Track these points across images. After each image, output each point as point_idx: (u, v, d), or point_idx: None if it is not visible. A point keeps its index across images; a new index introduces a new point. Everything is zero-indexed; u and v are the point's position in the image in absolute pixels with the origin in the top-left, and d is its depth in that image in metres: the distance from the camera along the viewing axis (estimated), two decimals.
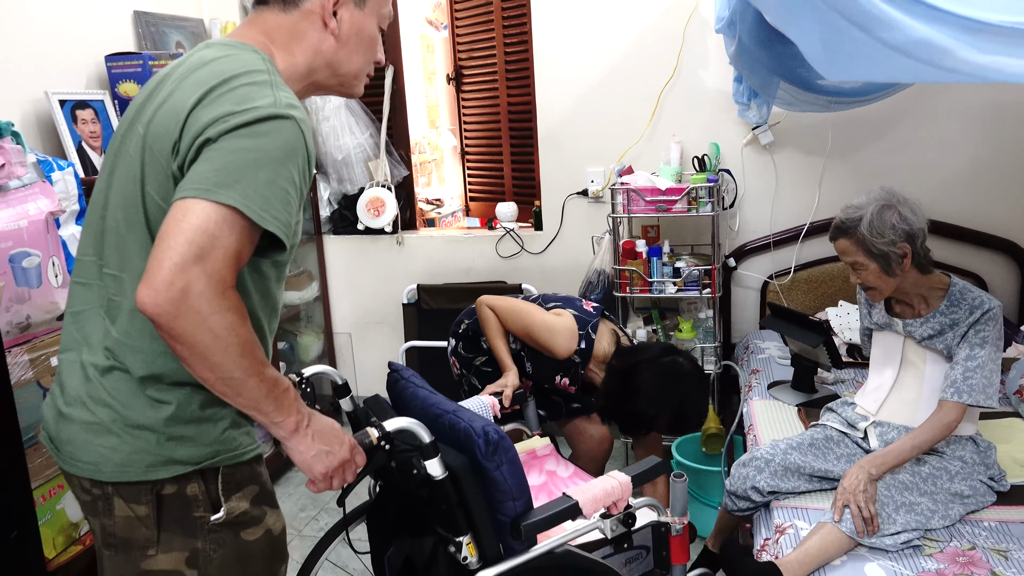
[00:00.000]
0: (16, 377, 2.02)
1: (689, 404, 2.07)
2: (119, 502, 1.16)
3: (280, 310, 1.31)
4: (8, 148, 2.08)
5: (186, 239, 0.98)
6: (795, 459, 1.92)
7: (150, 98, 1.16)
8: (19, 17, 2.45)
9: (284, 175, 1.07)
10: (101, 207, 1.18)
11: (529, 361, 2.22)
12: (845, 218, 1.92)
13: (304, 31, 1.24)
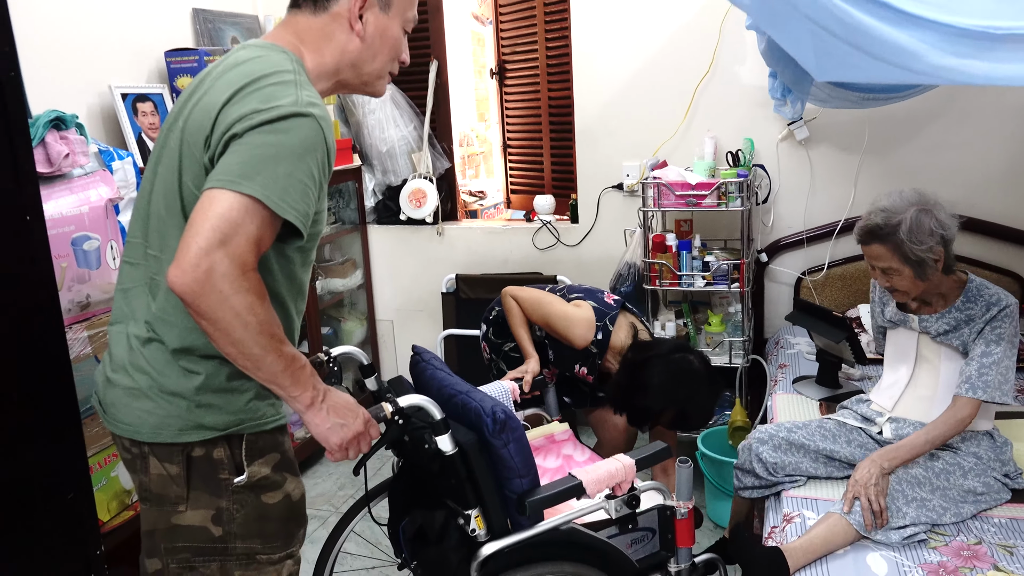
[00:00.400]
0: (76, 352, 2.19)
1: (693, 403, 2.10)
2: (154, 461, 1.29)
3: (306, 292, 1.42)
4: (72, 139, 2.24)
5: (211, 225, 1.09)
6: (799, 437, 1.97)
7: (191, 96, 1.28)
8: (85, 15, 2.62)
9: (303, 168, 1.17)
10: (148, 193, 1.31)
11: (551, 349, 2.29)
12: (882, 223, 1.86)
13: (332, 32, 1.34)
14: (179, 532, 1.31)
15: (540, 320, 2.23)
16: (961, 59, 1.22)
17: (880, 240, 1.87)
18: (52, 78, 2.48)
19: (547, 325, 2.21)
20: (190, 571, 1.32)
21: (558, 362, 2.30)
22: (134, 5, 2.82)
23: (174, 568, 1.32)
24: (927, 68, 1.24)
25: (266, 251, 1.23)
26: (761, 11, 1.59)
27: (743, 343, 2.84)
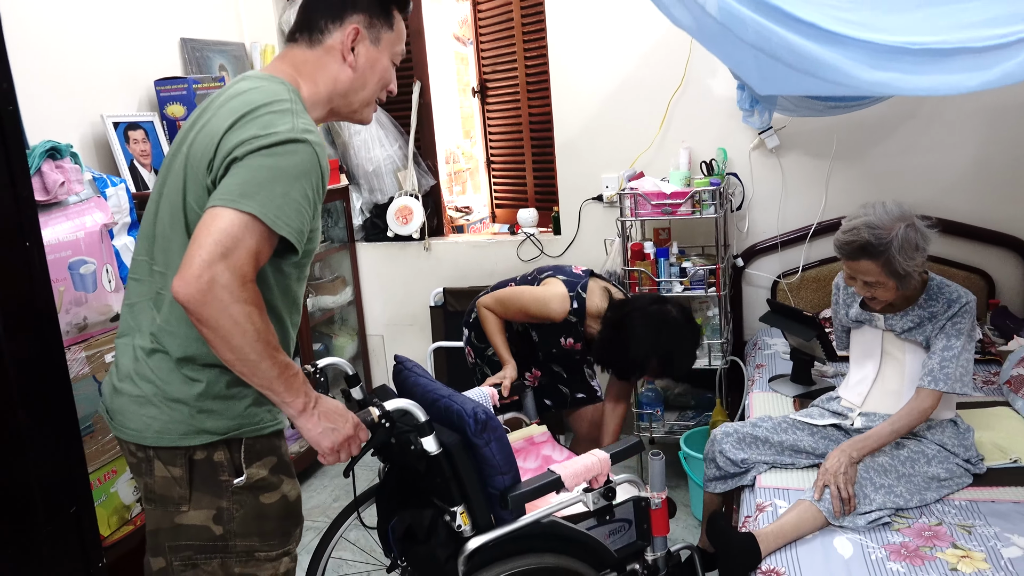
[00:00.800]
0: (75, 372, 2.27)
1: (677, 348, 2.22)
2: (158, 464, 1.38)
3: (301, 305, 1.51)
4: (67, 167, 2.33)
5: (214, 240, 1.18)
6: (762, 431, 2.06)
7: (195, 123, 1.38)
8: (76, 46, 2.72)
9: (298, 189, 1.27)
10: (153, 215, 1.41)
11: (534, 331, 2.38)
12: (874, 241, 1.89)
13: (326, 64, 1.44)
14: (182, 531, 1.39)
15: (518, 314, 2.33)
16: (884, 72, 1.33)
17: (870, 256, 1.91)
18: (46, 108, 2.57)
19: (526, 315, 2.32)
20: (192, 568, 1.40)
21: (542, 342, 2.38)
22: (124, 36, 2.92)
23: (177, 565, 1.40)
24: (853, 82, 1.35)
25: (264, 267, 1.32)
26: (702, 35, 1.70)
27: (721, 345, 2.93)
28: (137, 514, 2.46)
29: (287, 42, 1.48)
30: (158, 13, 3.10)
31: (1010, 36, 1.26)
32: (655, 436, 3.15)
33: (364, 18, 1.44)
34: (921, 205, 2.98)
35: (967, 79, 1.30)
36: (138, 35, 2.99)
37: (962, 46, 1.29)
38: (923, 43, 1.30)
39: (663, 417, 3.10)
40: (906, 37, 1.31)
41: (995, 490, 1.92)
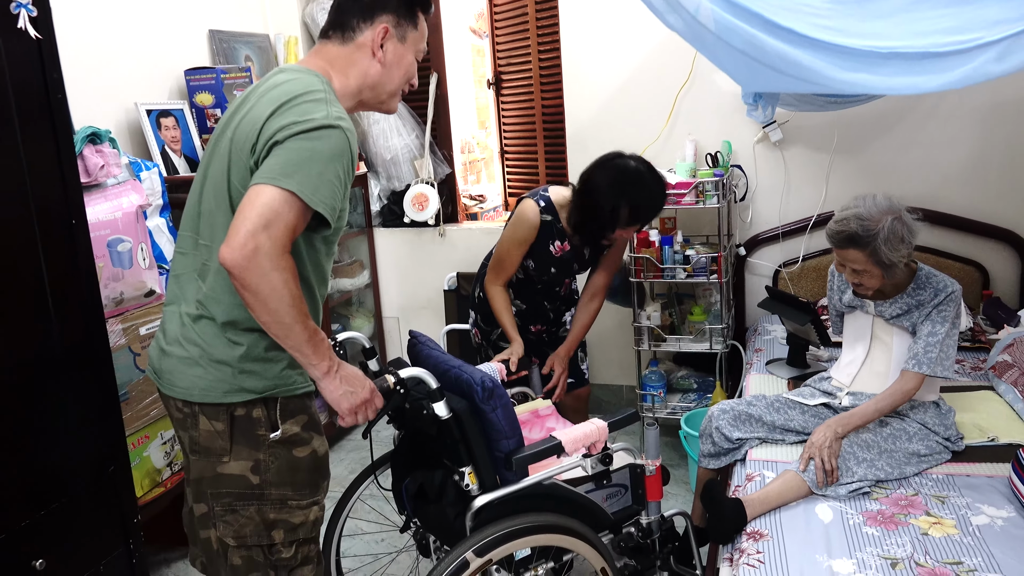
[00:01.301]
0: (112, 343, 2.42)
1: (641, 194, 2.30)
2: (203, 419, 1.53)
3: (329, 279, 1.66)
4: (107, 152, 2.49)
5: (257, 213, 1.33)
6: (756, 410, 2.19)
7: (237, 110, 1.53)
8: (114, 39, 2.87)
9: (331, 170, 1.41)
10: (198, 194, 1.56)
11: (529, 259, 2.49)
12: (860, 232, 1.99)
13: (357, 59, 1.59)
14: (223, 480, 1.54)
15: (507, 259, 2.46)
16: (855, 74, 1.45)
17: (857, 246, 2.02)
18: (86, 96, 2.73)
19: (514, 251, 2.45)
20: (232, 513, 1.55)
21: (538, 265, 2.49)
22: (157, 29, 3.07)
23: (218, 510, 1.56)
24: (828, 82, 1.48)
25: (298, 242, 1.47)
26: (691, 37, 1.82)
27: (722, 330, 3.06)
28: (168, 477, 2.63)
29: (320, 38, 1.62)
30: (188, 7, 3.25)
31: (969, 43, 1.37)
32: (657, 416, 3.28)
33: (392, 18, 1.58)
34: (918, 198, 3.08)
35: (930, 80, 1.42)
36: (169, 28, 3.14)
37: (926, 51, 1.41)
38: (891, 47, 1.42)
39: (665, 399, 3.23)
40: (876, 42, 1.43)
41: (972, 465, 2.04)
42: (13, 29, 1.87)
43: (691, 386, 3.35)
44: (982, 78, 1.42)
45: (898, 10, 1.45)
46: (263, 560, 1.58)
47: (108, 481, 2.17)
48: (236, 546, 1.57)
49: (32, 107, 1.94)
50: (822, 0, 1.50)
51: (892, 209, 2.04)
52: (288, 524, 1.58)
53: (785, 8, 1.48)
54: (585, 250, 2.54)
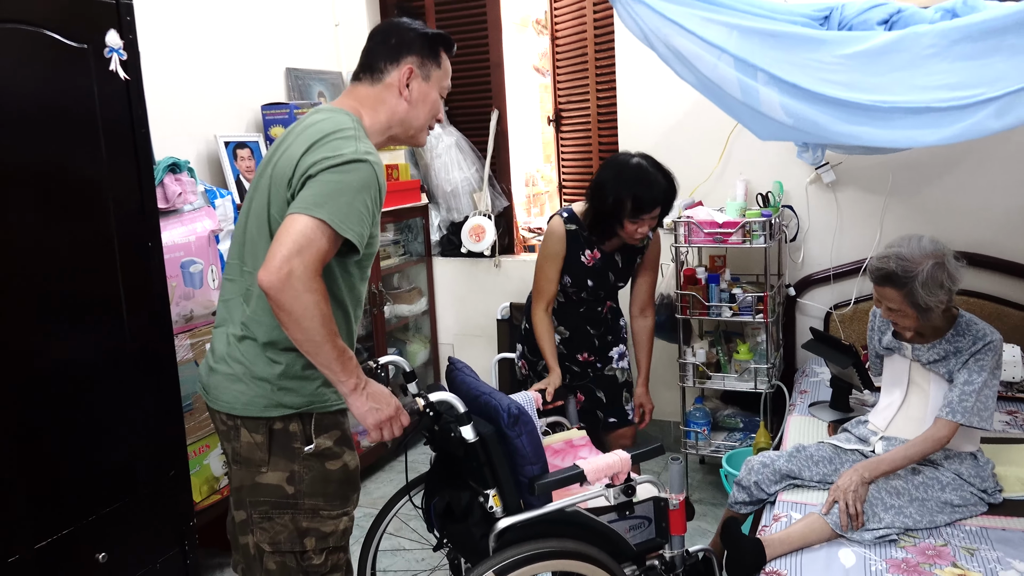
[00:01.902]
0: (180, 357, 2.61)
1: (642, 182, 2.38)
2: (244, 431, 1.66)
3: (363, 301, 1.79)
4: (185, 180, 2.70)
5: (292, 240, 1.46)
6: (795, 466, 2.19)
7: (278, 148, 1.69)
8: (197, 76, 3.12)
9: (360, 200, 1.54)
10: (243, 225, 1.71)
11: (565, 275, 2.57)
12: (899, 272, 2.01)
13: (386, 98, 1.73)
14: (261, 489, 1.67)
15: (544, 274, 2.57)
16: (856, 126, 1.50)
17: (895, 286, 2.03)
18: (170, 128, 2.97)
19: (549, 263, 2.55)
20: (268, 520, 1.68)
21: (574, 278, 2.56)
22: (237, 67, 3.31)
23: (256, 517, 1.69)
24: (829, 134, 1.52)
25: (333, 268, 1.60)
26: (703, 88, 1.89)
27: (767, 370, 3.06)
28: (224, 485, 2.79)
29: (352, 80, 1.77)
30: (268, 45, 3.49)
31: (970, 98, 1.40)
32: (701, 454, 3.29)
33: (417, 59, 1.71)
34: (975, 243, 3.04)
35: (929, 134, 1.46)
36: (249, 65, 3.39)
37: (928, 105, 1.44)
38: (894, 102, 1.46)
39: (709, 437, 3.24)
40: (880, 96, 1.47)
41: (1009, 519, 2.00)
42: (105, 71, 2.09)
43: (737, 425, 3.35)
44: (981, 133, 1.44)
45: (906, 65, 1.49)
46: (295, 566, 1.69)
47: (168, 484, 2.34)
48: (271, 551, 1.69)
49: (119, 140, 2.15)
50: (832, 56, 1.55)
51: (936, 253, 2.03)
52: (319, 532, 1.69)
53: (792, 64, 1.54)
54: (617, 256, 2.60)
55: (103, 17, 2.08)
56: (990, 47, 1.40)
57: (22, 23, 1.89)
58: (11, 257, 1.88)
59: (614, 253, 2.58)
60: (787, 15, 1.72)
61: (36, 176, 1.94)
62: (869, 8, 1.68)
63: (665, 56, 1.99)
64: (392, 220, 3.82)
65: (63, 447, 2.02)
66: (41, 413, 1.97)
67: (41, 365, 1.96)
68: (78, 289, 2.05)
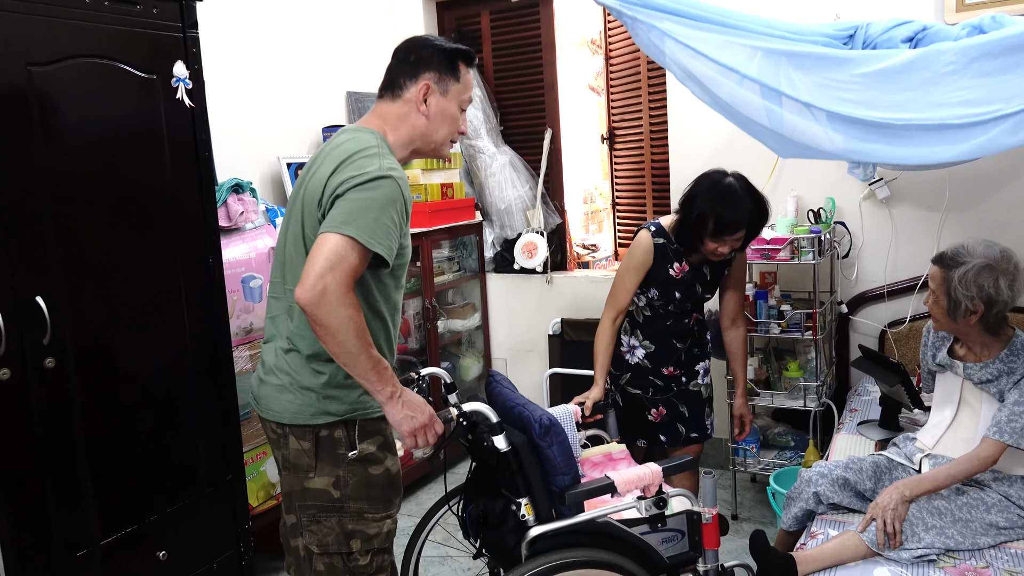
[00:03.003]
0: (240, 367, 2.75)
1: (727, 205, 2.35)
2: (292, 439, 1.76)
3: (400, 309, 1.87)
4: (247, 200, 2.86)
5: (324, 257, 1.55)
6: (852, 475, 2.16)
7: (309, 170, 1.78)
8: (261, 100, 3.29)
9: (386, 215, 1.62)
10: (283, 245, 1.81)
11: (652, 288, 2.56)
12: (953, 253, 2.06)
13: (406, 114, 1.80)
14: (309, 493, 1.76)
15: (622, 284, 2.57)
16: (870, 144, 1.50)
17: (941, 265, 2.08)
18: (235, 151, 3.14)
19: (629, 282, 2.56)
20: (316, 523, 1.77)
21: (661, 291, 2.55)
22: (300, 90, 3.49)
23: (305, 520, 1.78)
24: (834, 149, 1.53)
25: (368, 281, 1.69)
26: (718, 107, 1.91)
27: (817, 388, 3.02)
28: (280, 491, 2.91)
29: (377, 99, 1.85)
30: (329, 70, 3.65)
31: (986, 115, 1.39)
32: (752, 472, 3.26)
33: (434, 75, 1.77)
34: None
35: (943, 151, 1.45)
36: (311, 89, 3.55)
37: (943, 122, 1.43)
38: (907, 119, 1.46)
39: (759, 454, 3.21)
40: (895, 114, 1.47)
41: None
42: (172, 99, 2.25)
43: (788, 443, 3.30)
44: (995, 150, 1.42)
45: (925, 83, 1.48)
46: (342, 567, 1.78)
47: (226, 488, 2.47)
48: (319, 553, 1.78)
49: (184, 163, 2.31)
50: (850, 75, 1.56)
51: (996, 260, 2.01)
52: (364, 535, 1.77)
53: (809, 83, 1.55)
54: (705, 269, 2.58)
55: (171, 49, 2.24)
56: (1010, 64, 1.39)
57: (97, 57, 2.06)
58: (86, 271, 2.04)
59: (702, 265, 2.58)
60: (810, 35, 1.74)
61: (108, 195, 2.10)
62: (894, 26, 1.69)
63: (681, 78, 2.02)
64: (447, 237, 3.92)
65: (130, 450, 2.17)
66: (110, 419, 2.12)
67: (109, 372, 2.11)
68: (146, 301, 2.20)
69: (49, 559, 1.99)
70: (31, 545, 1.95)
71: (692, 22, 1.79)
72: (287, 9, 3.46)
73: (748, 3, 3.30)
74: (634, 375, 2.63)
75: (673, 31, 1.81)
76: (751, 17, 1.88)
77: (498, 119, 4.16)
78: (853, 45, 1.72)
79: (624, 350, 2.64)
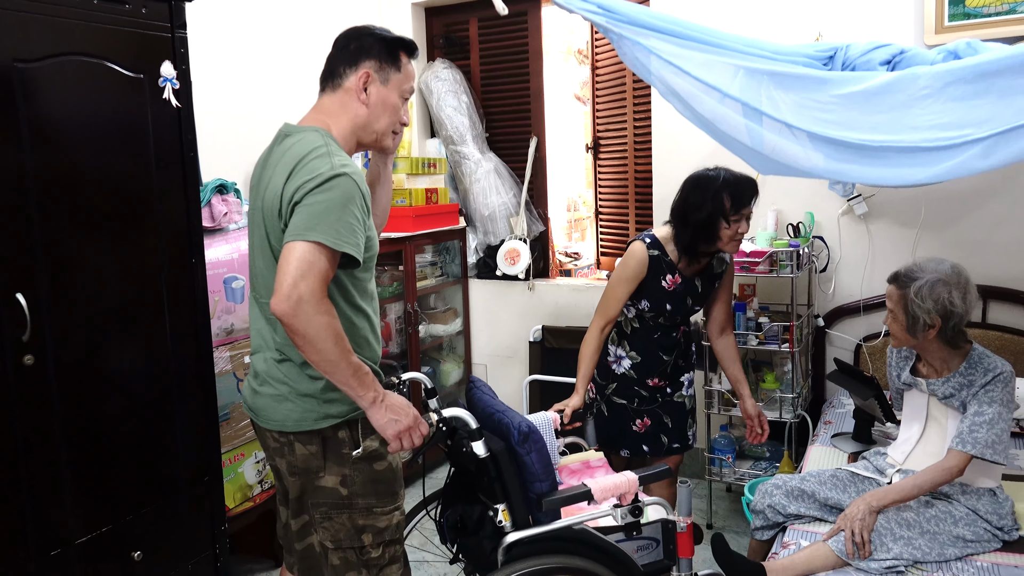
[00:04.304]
0: (220, 368, 2.75)
1: (729, 178, 2.36)
2: (298, 445, 1.77)
3: (377, 298, 1.87)
4: (231, 200, 2.86)
5: (294, 267, 1.56)
6: (809, 485, 2.20)
7: (260, 181, 1.78)
8: (247, 101, 3.29)
9: (348, 213, 1.63)
10: (252, 258, 1.82)
11: (643, 300, 2.56)
12: (906, 272, 2.12)
13: (347, 103, 1.79)
14: (320, 492, 1.78)
15: (614, 294, 2.55)
16: (847, 164, 1.54)
17: (896, 284, 2.14)
18: (220, 152, 3.14)
19: (620, 291, 2.54)
20: (328, 520, 1.79)
21: (653, 303, 2.55)
22: (287, 92, 3.49)
23: (317, 518, 1.80)
24: (812, 168, 1.57)
25: (343, 279, 1.70)
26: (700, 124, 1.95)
27: (793, 400, 3.06)
28: (257, 493, 2.91)
29: (319, 92, 1.84)
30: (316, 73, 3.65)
31: (958, 139, 1.44)
32: (727, 482, 3.30)
33: (375, 63, 1.77)
34: (1009, 278, 3.02)
35: (916, 172, 1.49)
36: (298, 91, 3.55)
37: (917, 145, 1.48)
38: (883, 141, 1.50)
39: (734, 464, 3.25)
40: (871, 135, 1.51)
41: (1023, 557, 1.98)
42: (159, 99, 2.25)
43: (763, 454, 3.34)
44: (966, 173, 1.47)
45: (900, 105, 1.53)
46: (356, 560, 1.81)
47: (203, 489, 2.47)
48: (333, 548, 1.81)
49: (169, 163, 2.30)
50: (829, 95, 1.60)
51: (948, 275, 2.06)
52: (375, 528, 1.80)
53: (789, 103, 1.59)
54: (697, 281, 2.60)
55: (159, 49, 2.24)
56: (981, 89, 1.44)
57: (84, 55, 2.05)
58: (68, 269, 2.03)
59: (694, 278, 2.60)
60: (792, 56, 1.78)
61: (92, 194, 2.09)
62: (872, 49, 1.74)
63: (665, 94, 2.06)
64: (430, 242, 3.94)
65: (107, 450, 2.16)
66: (88, 417, 2.11)
67: (89, 371, 2.10)
68: (127, 301, 2.19)
69: (23, 558, 1.97)
70: (4, 544, 1.93)
71: (677, 40, 1.83)
72: (275, 11, 3.47)
73: (732, 23, 3.37)
74: (620, 385, 2.64)
75: (658, 48, 1.85)
76: (735, 37, 1.93)
77: (484, 126, 4.19)
78: (833, 66, 1.77)
79: (611, 360, 2.66)
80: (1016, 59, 1.42)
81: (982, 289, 3.08)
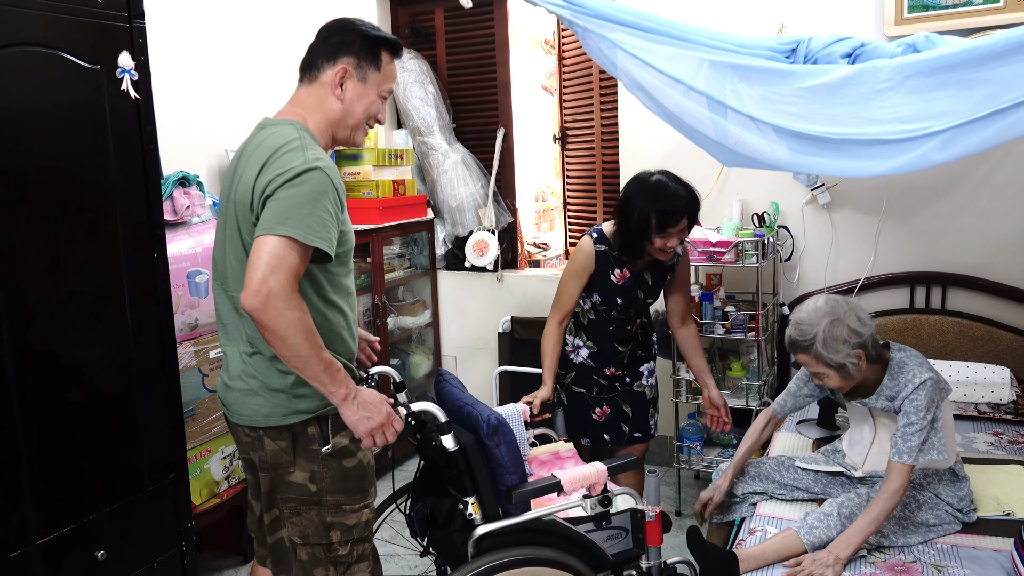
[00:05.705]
0: (184, 363, 2.71)
1: (663, 196, 2.39)
2: (267, 440, 1.75)
3: (354, 292, 1.86)
4: (193, 194, 2.81)
5: (264, 261, 1.54)
6: (764, 469, 2.25)
7: (234, 174, 1.75)
8: (208, 92, 3.23)
9: (320, 207, 1.61)
10: (221, 251, 1.79)
11: (595, 293, 2.60)
12: (799, 337, 2.06)
13: (322, 97, 1.77)
14: (290, 487, 1.76)
15: (566, 288, 2.59)
16: (810, 156, 1.56)
17: (802, 351, 2.08)
18: (181, 144, 3.08)
19: (573, 279, 2.58)
20: (297, 515, 1.77)
21: (603, 295, 2.58)
22: (249, 83, 3.43)
23: (287, 513, 1.79)
24: (776, 162, 1.59)
25: (316, 274, 1.68)
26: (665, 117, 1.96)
27: (759, 387, 3.10)
28: (224, 489, 2.88)
29: (297, 83, 1.82)
30: (279, 62, 3.60)
31: (917, 131, 1.46)
32: (695, 469, 3.33)
33: (353, 59, 1.75)
34: (970, 266, 3.08)
35: (876, 165, 1.52)
36: (261, 81, 3.50)
37: (877, 137, 1.50)
38: (844, 134, 1.52)
39: (702, 452, 3.29)
40: (832, 128, 1.53)
41: (980, 538, 2.03)
42: (117, 91, 2.20)
43: (730, 441, 3.39)
44: (925, 165, 1.50)
45: (861, 98, 1.55)
46: (324, 556, 1.79)
47: (169, 486, 2.43)
48: (302, 544, 1.80)
49: (129, 156, 2.25)
50: (792, 88, 1.62)
51: (832, 312, 2.03)
52: (343, 525, 1.79)
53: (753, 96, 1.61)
54: (646, 275, 2.62)
55: (116, 40, 2.19)
56: (939, 83, 1.47)
57: (39, 45, 2.00)
58: (25, 263, 1.98)
59: (643, 272, 2.61)
60: (756, 49, 1.79)
61: (49, 187, 2.04)
62: (834, 42, 1.76)
63: (630, 87, 2.06)
64: (398, 233, 3.91)
65: (69, 447, 2.12)
66: (49, 415, 2.06)
67: (49, 367, 2.06)
68: (88, 296, 2.14)
69: None
70: None
71: (642, 33, 1.83)
72: (238, 0, 3.41)
73: (697, 15, 3.38)
74: (578, 374, 2.67)
75: (623, 42, 1.84)
76: (699, 30, 1.93)
77: (451, 117, 4.16)
78: (795, 59, 1.79)
79: (569, 349, 2.68)
80: (972, 53, 1.45)
81: (942, 276, 3.16)
